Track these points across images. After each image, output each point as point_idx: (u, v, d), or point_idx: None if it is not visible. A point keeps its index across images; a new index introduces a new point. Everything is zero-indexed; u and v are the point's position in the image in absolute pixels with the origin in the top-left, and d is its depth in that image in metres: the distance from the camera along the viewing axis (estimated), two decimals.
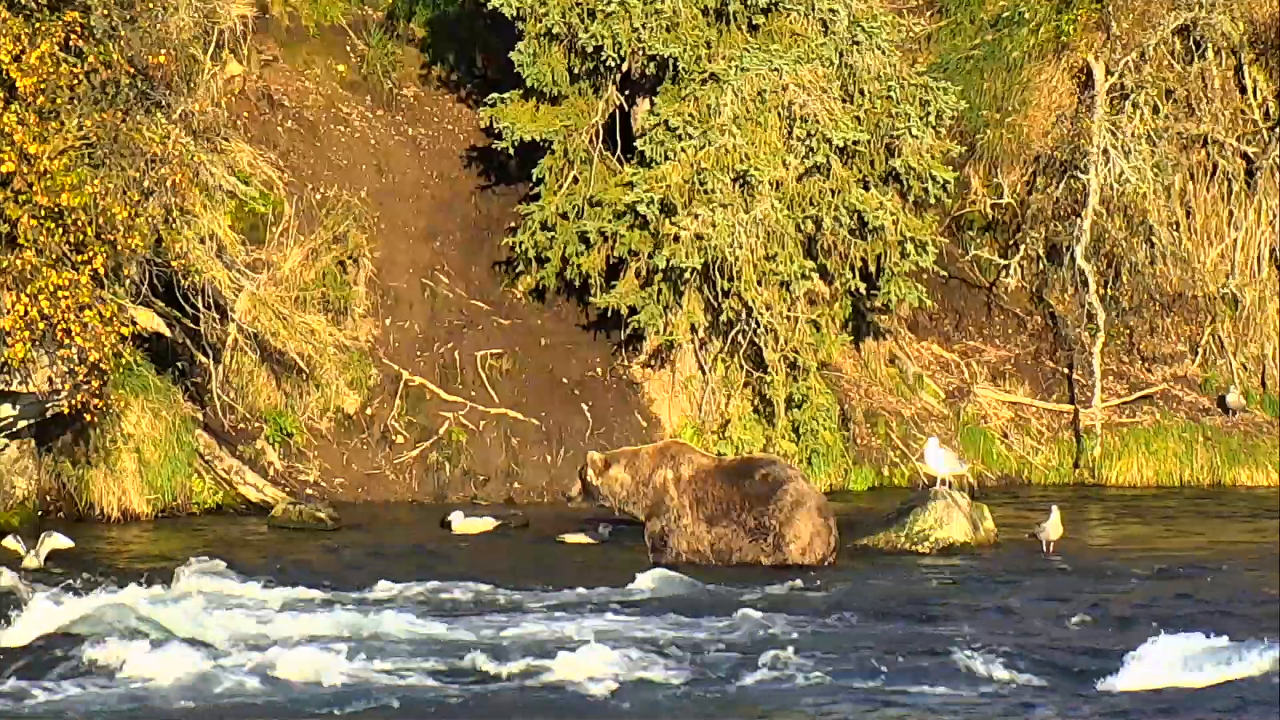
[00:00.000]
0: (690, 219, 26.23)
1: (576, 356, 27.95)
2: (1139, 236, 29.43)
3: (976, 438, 28.54)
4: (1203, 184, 29.86)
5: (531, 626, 18.36)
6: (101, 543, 23.55)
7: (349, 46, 29.93)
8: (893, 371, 29.08)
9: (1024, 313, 30.08)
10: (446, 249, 28.57)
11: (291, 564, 21.82)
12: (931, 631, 18.39)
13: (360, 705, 15.77)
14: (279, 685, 16.25)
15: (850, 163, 26.95)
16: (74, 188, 22.42)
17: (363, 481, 26.69)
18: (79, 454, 24.69)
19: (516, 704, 15.80)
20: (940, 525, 23.24)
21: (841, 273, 27.06)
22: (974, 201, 30.09)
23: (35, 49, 22.49)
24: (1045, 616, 19.16)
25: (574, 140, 27.42)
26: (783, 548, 22.14)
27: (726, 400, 27.21)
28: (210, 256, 25.59)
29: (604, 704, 15.75)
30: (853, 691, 16.06)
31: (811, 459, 26.68)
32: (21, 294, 22.35)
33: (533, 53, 27.14)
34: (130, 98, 23.85)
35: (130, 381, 24.67)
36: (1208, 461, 28.76)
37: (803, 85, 26.67)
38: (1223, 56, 29.73)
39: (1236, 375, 29.47)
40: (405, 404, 27.12)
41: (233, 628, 18.11)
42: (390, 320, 27.80)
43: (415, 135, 29.38)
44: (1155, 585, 20.93)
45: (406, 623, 18.45)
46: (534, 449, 27.08)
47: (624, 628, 18.30)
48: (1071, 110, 29.78)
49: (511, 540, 24.21)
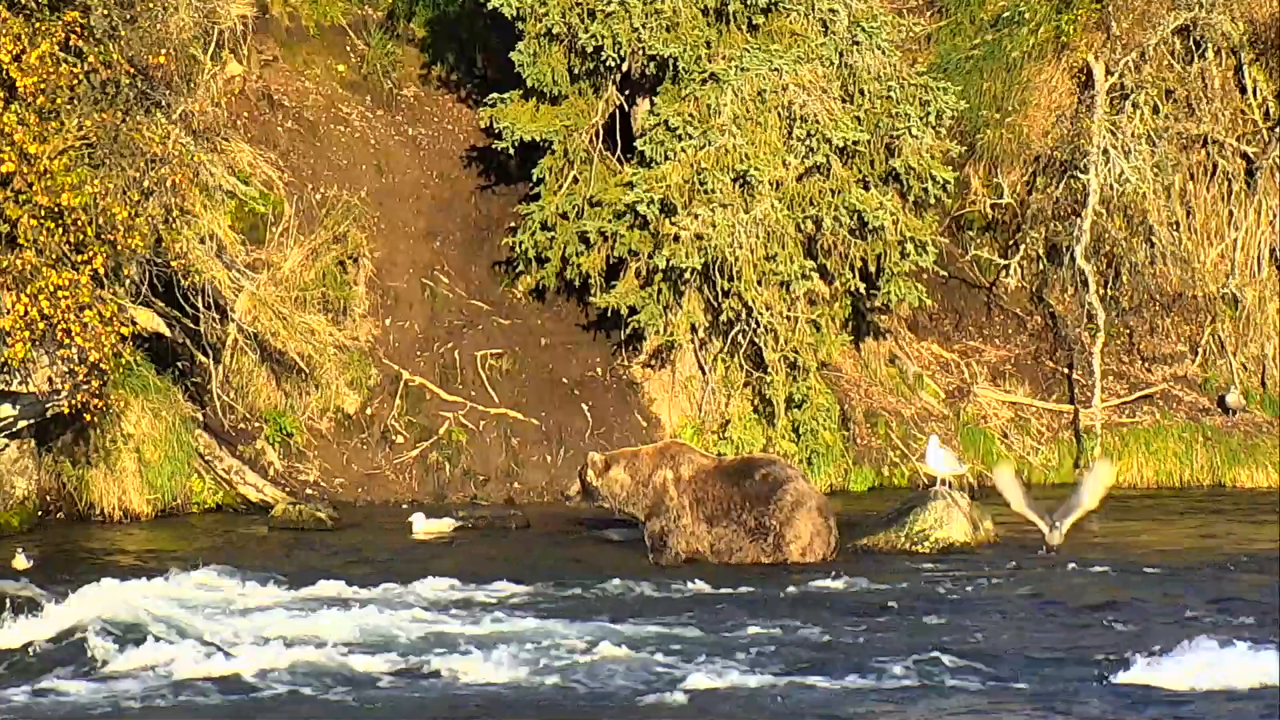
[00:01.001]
0: (690, 219, 26.22)
1: (576, 356, 27.96)
2: (1139, 236, 29.42)
3: (976, 438, 28.53)
4: (1203, 184, 29.85)
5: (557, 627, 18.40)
6: (101, 543, 23.56)
7: (349, 46, 29.94)
8: (893, 371, 29.08)
9: (1024, 313, 30.08)
10: (446, 249, 28.58)
11: (291, 564, 21.83)
12: (932, 632, 18.39)
13: (360, 705, 15.78)
14: (278, 685, 16.26)
15: (850, 163, 26.94)
16: (74, 188, 22.41)
17: (363, 481, 26.69)
18: (79, 454, 24.70)
19: (527, 703, 15.82)
20: (940, 525, 23.23)
21: (841, 273, 27.06)
22: (974, 201, 30.09)
23: (35, 49, 22.48)
24: (1046, 616, 19.17)
25: (574, 140, 27.43)
26: (783, 548, 22.14)
27: (726, 400, 27.21)
28: (210, 256, 25.60)
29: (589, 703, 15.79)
30: (853, 692, 16.05)
31: (811, 459, 26.68)
32: (21, 294, 22.34)
33: (533, 53, 27.14)
34: (130, 98, 23.83)
35: (130, 381, 24.68)
36: (1208, 461, 28.75)
37: (803, 85, 26.67)
38: (1223, 56, 29.73)
39: (1236, 375, 29.46)
40: (405, 404, 27.13)
41: (232, 628, 18.12)
42: (390, 320, 27.80)
43: (415, 135, 29.38)
44: (1156, 585, 20.91)
45: (406, 623, 18.48)
46: (534, 449, 27.08)
47: (601, 630, 18.29)
48: (1071, 110, 29.77)
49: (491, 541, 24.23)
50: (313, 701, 15.89)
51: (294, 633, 17.95)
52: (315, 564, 21.93)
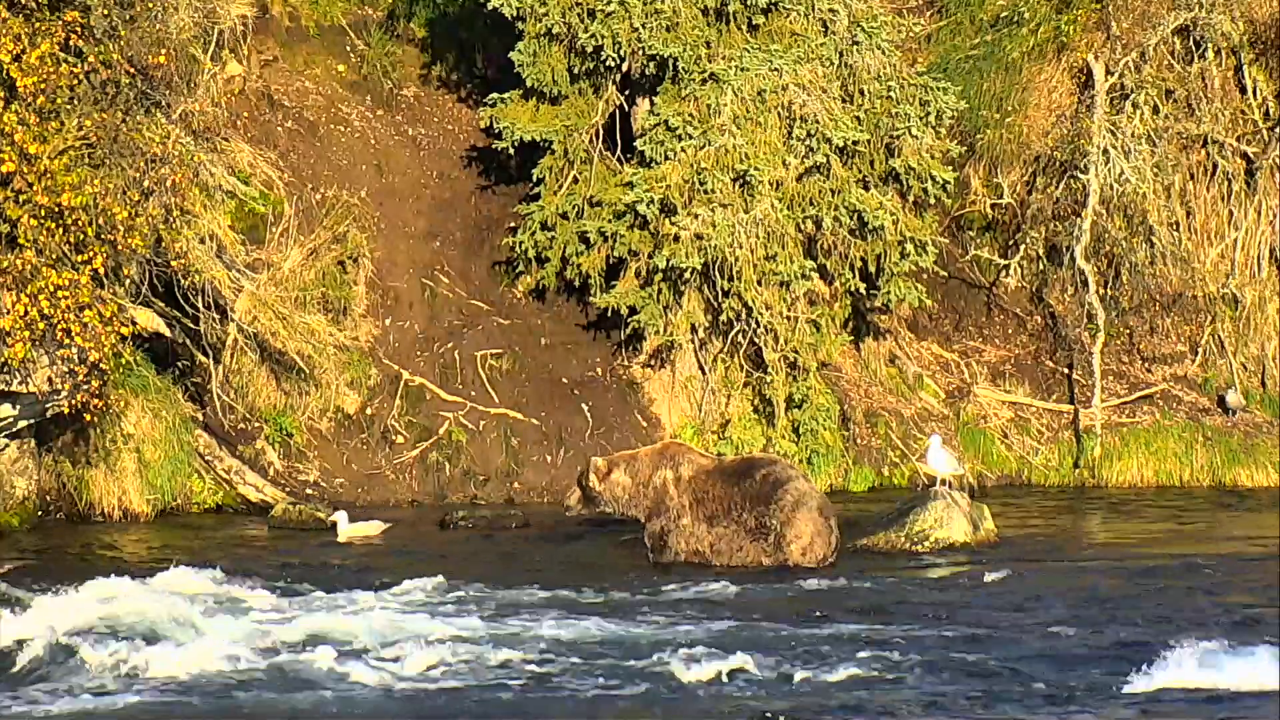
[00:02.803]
0: (690, 219, 26.23)
1: (576, 356, 27.95)
2: (1139, 236, 29.41)
3: (976, 438, 28.53)
4: (1203, 184, 29.84)
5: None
6: (101, 543, 23.56)
7: (349, 46, 29.94)
8: (893, 371, 29.07)
9: (1024, 313, 30.08)
10: (446, 249, 28.57)
11: (291, 564, 21.83)
12: (932, 632, 18.39)
13: (362, 705, 15.78)
14: (279, 685, 16.25)
15: (850, 163, 26.95)
16: (74, 188, 22.41)
17: (363, 481, 26.69)
18: (79, 454, 24.70)
19: (527, 703, 15.83)
20: (940, 525, 23.24)
21: (841, 273, 27.07)
22: (974, 201, 30.08)
23: (35, 49, 22.48)
24: (1046, 616, 19.17)
25: (574, 140, 27.42)
26: (783, 548, 22.13)
27: (726, 400, 27.21)
28: (210, 256, 25.59)
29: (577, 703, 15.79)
30: (853, 692, 16.06)
31: (811, 459, 26.68)
32: (21, 294, 22.34)
33: (533, 53, 27.14)
34: (130, 98, 23.84)
35: (130, 381, 24.69)
36: (1208, 461, 28.74)
37: (803, 85, 26.67)
38: (1223, 56, 29.72)
39: (1236, 375, 29.46)
40: (405, 404, 27.12)
41: (232, 628, 18.11)
42: (390, 320, 27.80)
43: (415, 135, 29.38)
44: (1157, 585, 20.93)
45: (403, 622, 18.49)
46: (534, 449, 27.08)
47: (570, 630, 18.30)
48: (1071, 110, 29.77)
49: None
50: (313, 701, 15.88)
51: (282, 634, 17.92)
52: (315, 564, 21.94)
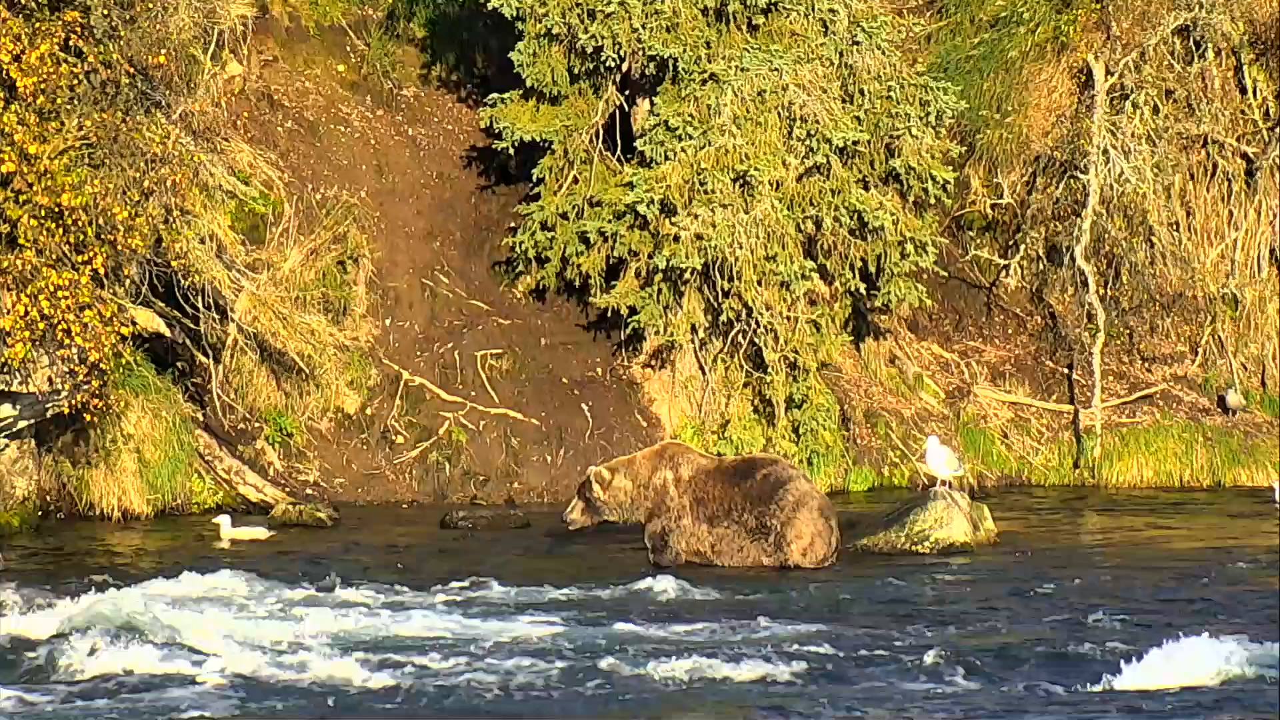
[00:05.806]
0: (690, 219, 26.22)
1: (576, 356, 27.95)
2: (1139, 236, 29.41)
3: (976, 438, 28.52)
4: (1203, 184, 29.84)
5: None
6: (101, 543, 23.55)
7: (349, 46, 29.92)
8: (893, 371, 29.07)
9: (1024, 313, 30.07)
10: (446, 249, 28.57)
11: (291, 564, 21.83)
12: (933, 631, 18.39)
13: (361, 706, 15.78)
14: (277, 685, 16.25)
15: (850, 163, 26.94)
16: (74, 188, 22.41)
17: (363, 481, 26.68)
18: (79, 454, 24.69)
19: (525, 703, 15.84)
20: (940, 525, 23.23)
21: (841, 273, 27.07)
22: (974, 201, 30.07)
23: (35, 49, 22.48)
24: (1046, 616, 19.17)
25: (574, 140, 27.42)
26: (784, 548, 22.12)
27: (726, 400, 27.21)
28: (210, 256, 25.59)
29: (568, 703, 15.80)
30: (853, 691, 16.06)
31: (811, 459, 26.67)
32: (21, 294, 22.34)
33: (533, 53, 27.14)
34: (130, 98, 23.84)
35: (130, 381, 24.68)
36: (1208, 461, 28.73)
37: (803, 85, 26.66)
38: (1223, 56, 29.72)
39: (1236, 375, 29.46)
40: (405, 404, 27.12)
41: (232, 628, 18.10)
42: (390, 320, 27.80)
43: (415, 135, 29.37)
44: (1157, 585, 20.93)
45: (405, 622, 18.49)
46: (534, 449, 27.08)
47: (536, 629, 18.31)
48: (1071, 110, 29.77)
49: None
50: (314, 701, 15.88)
51: (277, 635, 17.92)
52: (314, 564, 21.94)
